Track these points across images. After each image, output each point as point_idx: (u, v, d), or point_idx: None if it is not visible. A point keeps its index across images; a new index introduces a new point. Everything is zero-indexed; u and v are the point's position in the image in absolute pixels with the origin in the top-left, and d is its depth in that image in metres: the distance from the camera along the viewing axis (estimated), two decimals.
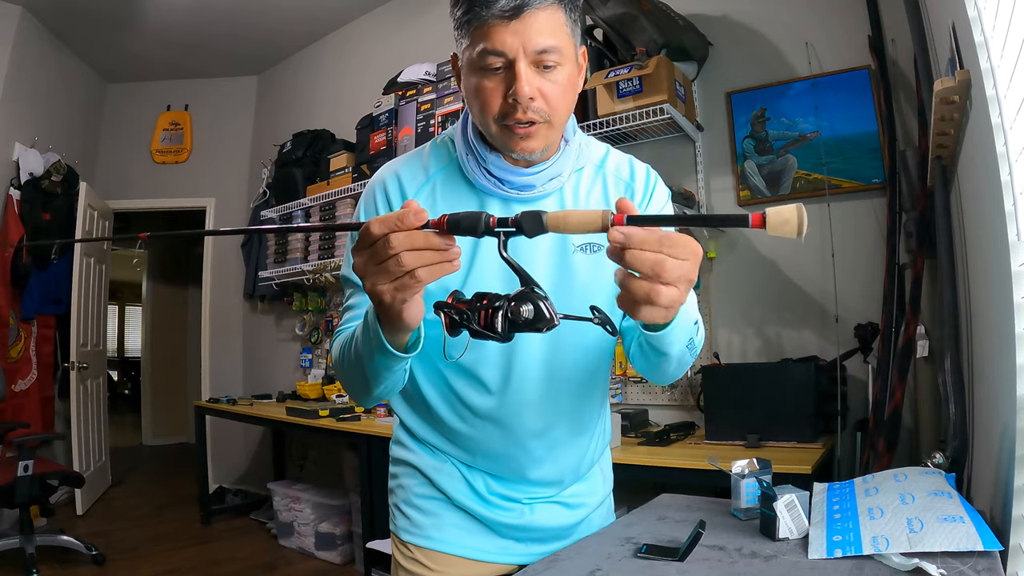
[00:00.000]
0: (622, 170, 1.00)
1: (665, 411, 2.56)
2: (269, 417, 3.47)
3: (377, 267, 0.61)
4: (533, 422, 0.95)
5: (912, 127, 2.10)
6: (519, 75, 0.79)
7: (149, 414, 6.94)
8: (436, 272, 0.61)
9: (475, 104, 0.84)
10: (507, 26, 0.77)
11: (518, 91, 0.79)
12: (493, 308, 0.61)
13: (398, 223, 0.59)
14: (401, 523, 1.02)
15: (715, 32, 2.55)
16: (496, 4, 0.76)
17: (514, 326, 0.61)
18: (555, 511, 1.02)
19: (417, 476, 1.02)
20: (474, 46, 0.80)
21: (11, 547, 2.98)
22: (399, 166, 0.96)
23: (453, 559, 0.99)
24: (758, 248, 2.44)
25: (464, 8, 0.79)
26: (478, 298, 0.63)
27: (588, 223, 0.57)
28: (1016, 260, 0.83)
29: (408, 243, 0.60)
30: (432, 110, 3.19)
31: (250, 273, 4.46)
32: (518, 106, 0.80)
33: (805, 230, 0.53)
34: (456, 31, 0.83)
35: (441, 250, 0.61)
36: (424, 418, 1.01)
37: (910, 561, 0.76)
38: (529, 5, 0.76)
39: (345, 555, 3.28)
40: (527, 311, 0.60)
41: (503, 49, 0.78)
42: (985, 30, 0.97)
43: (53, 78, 4.34)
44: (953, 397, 1.23)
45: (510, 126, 0.82)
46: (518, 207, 0.91)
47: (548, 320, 0.60)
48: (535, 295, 0.60)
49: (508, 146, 0.85)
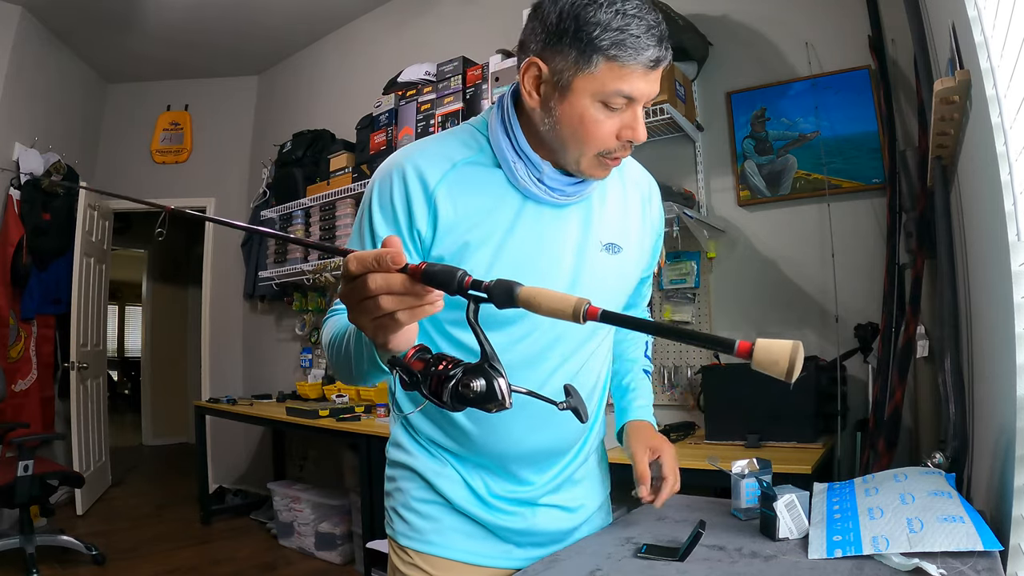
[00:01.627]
0: (635, 175, 1.05)
1: (665, 411, 2.56)
2: (269, 417, 3.47)
3: (358, 304, 0.58)
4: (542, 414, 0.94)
5: (912, 127, 2.10)
6: (639, 120, 0.84)
7: (149, 414, 6.94)
8: (417, 314, 0.58)
9: (580, 131, 0.84)
10: (645, 75, 0.80)
11: (636, 136, 0.84)
12: (445, 377, 0.56)
13: (375, 264, 0.55)
14: (399, 527, 1.01)
15: (715, 32, 2.55)
16: (646, 52, 0.78)
17: (463, 399, 0.56)
18: (555, 515, 1.02)
19: (416, 480, 1.00)
20: (606, 81, 0.79)
21: (11, 547, 2.98)
22: (417, 155, 0.91)
23: (453, 564, 0.98)
24: (758, 248, 2.44)
25: (609, 40, 0.77)
26: (436, 360, 0.59)
27: (559, 310, 0.53)
28: (1016, 260, 0.83)
29: (386, 287, 0.56)
30: (432, 110, 3.19)
31: (250, 273, 4.46)
32: (628, 145, 0.85)
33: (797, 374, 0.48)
34: (572, 45, 0.79)
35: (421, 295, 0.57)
36: (429, 415, 1.00)
37: (910, 561, 0.76)
38: (665, 60, 0.81)
39: (345, 555, 3.28)
40: (479, 387, 0.55)
41: (636, 96, 0.81)
42: (985, 30, 0.97)
43: (53, 78, 4.34)
44: (953, 397, 1.23)
45: (607, 160, 0.86)
46: (549, 209, 0.92)
47: (499, 401, 0.55)
48: (490, 371, 0.55)
49: (593, 173, 0.88)
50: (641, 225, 1.03)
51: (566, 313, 0.52)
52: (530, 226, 0.91)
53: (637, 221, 1.02)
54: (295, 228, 3.92)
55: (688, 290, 2.52)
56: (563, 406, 0.61)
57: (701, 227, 2.37)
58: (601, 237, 0.96)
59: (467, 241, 0.88)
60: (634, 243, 1.01)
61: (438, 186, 0.89)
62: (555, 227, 0.93)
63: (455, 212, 0.88)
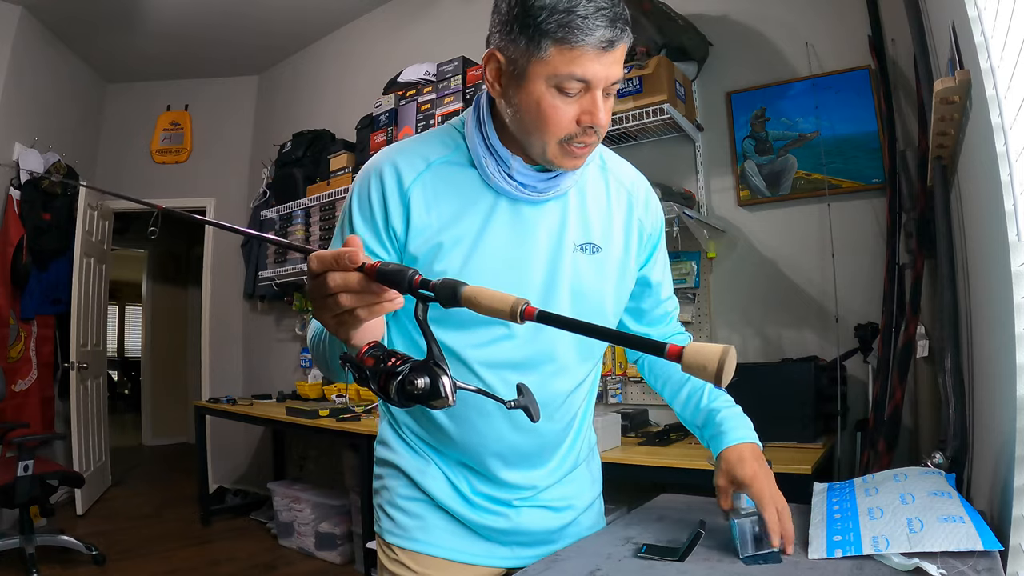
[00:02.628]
0: (624, 176, 1.02)
1: (665, 411, 2.56)
2: (269, 417, 3.47)
3: (321, 301, 0.60)
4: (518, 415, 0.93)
5: (912, 127, 2.10)
6: (598, 104, 0.80)
7: (149, 414, 6.94)
8: (376, 311, 0.60)
9: (539, 120, 0.82)
10: (598, 57, 0.77)
11: (596, 120, 0.81)
12: (392, 373, 0.58)
13: (335, 263, 0.58)
14: (386, 524, 1.01)
15: (715, 32, 2.55)
16: (595, 33, 0.76)
17: (409, 396, 0.58)
18: (541, 515, 1.01)
19: (401, 478, 1.01)
20: (557, 66, 0.78)
21: (11, 547, 2.98)
22: (396, 154, 0.92)
23: (438, 561, 0.98)
24: (758, 248, 2.44)
25: (554, 24, 0.76)
26: (387, 356, 0.60)
27: (498, 309, 0.54)
28: (1016, 260, 0.83)
29: (344, 285, 0.58)
30: (432, 110, 3.19)
31: (250, 273, 4.46)
32: (589, 131, 0.82)
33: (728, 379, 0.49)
34: (522, 35, 0.78)
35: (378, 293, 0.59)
36: (410, 410, 1.00)
37: (910, 561, 0.76)
38: (619, 40, 0.78)
39: (345, 555, 3.28)
40: (423, 384, 0.57)
41: (592, 79, 0.78)
42: (985, 30, 0.97)
43: (53, 78, 4.33)
44: (953, 397, 1.23)
45: (572, 148, 0.83)
46: (526, 207, 0.92)
47: (442, 399, 0.57)
48: (435, 369, 0.57)
49: (560, 163, 0.86)
50: (626, 226, 1.00)
51: (504, 312, 0.54)
52: (503, 226, 0.90)
53: (621, 222, 0.99)
54: (295, 228, 3.92)
55: (688, 290, 2.53)
56: (511, 404, 0.62)
57: (701, 227, 2.37)
58: (576, 237, 0.94)
59: (440, 242, 0.89)
60: (617, 244, 0.98)
61: (412, 185, 0.89)
62: (529, 226, 0.92)
63: (427, 212, 0.89)
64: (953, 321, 1.34)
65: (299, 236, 3.87)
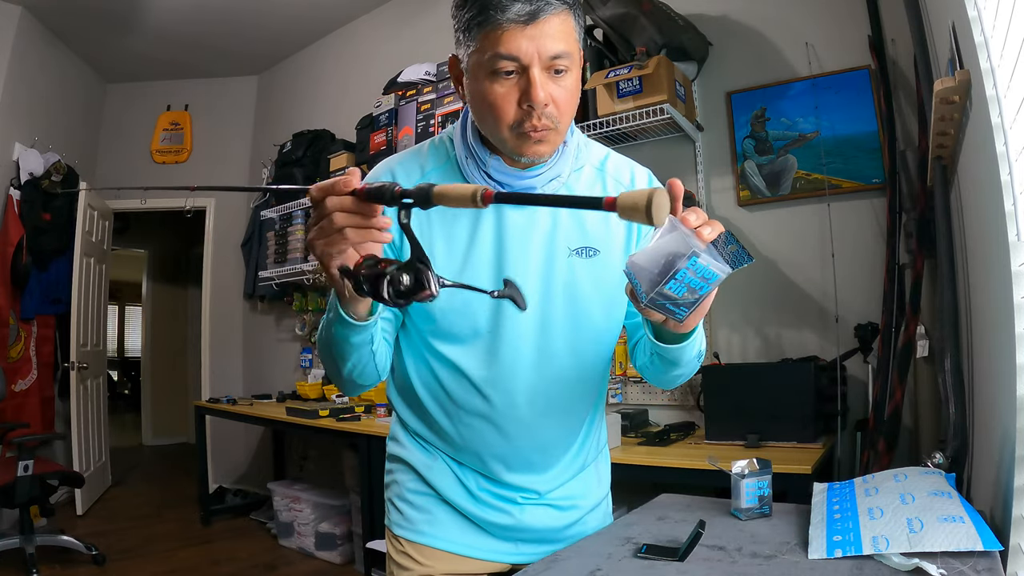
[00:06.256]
0: (622, 174, 1.00)
1: (665, 411, 2.56)
2: (269, 417, 3.47)
3: (317, 226, 0.67)
4: (519, 421, 0.95)
5: (912, 127, 2.10)
6: (534, 82, 0.78)
7: (149, 414, 6.94)
8: (364, 235, 0.67)
9: (485, 110, 0.82)
10: (522, 31, 0.76)
11: (534, 98, 0.78)
12: (380, 274, 0.64)
13: (332, 188, 0.65)
14: (395, 517, 1.03)
15: (715, 32, 2.55)
16: (511, 8, 0.75)
17: (399, 294, 0.64)
18: (546, 513, 1.02)
19: (410, 472, 1.03)
20: (485, 50, 0.78)
21: (11, 547, 2.98)
22: (396, 164, 0.95)
23: (443, 555, 1.00)
24: (758, 248, 2.43)
25: (474, 11, 0.77)
26: (377, 262, 0.67)
27: (462, 196, 0.60)
28: (1016, 260, 0.83)
29: (339, 204, 0.65)
30: (432, 110, 3.19)
31: (250, 273, 4.46)
32: (533, 113, 0.80)
33: (660, 221, 0.53)
34: (461, 33, 0.81)
35: (368, 215, 0.66)
36: (415, 412, 1.02)
37: (910, 561, 0.76)
38: (544, 11, 0.76)
39: (345, 555, 3.28)
40: (407, 279, 0.63)
41: (518, 55, 0.77)
42: (985, 30, 0.97)
43: (53, 78, 4.34)
44: (953, 397, 1.23)
45: (526, 132, 0.81)
46: (514, 214, 0.91)
47: (427, 291, 0.63)
48: (419, 266, 0.63)
49: (520, 151, 0.84)
50: (627, 225, 0.96)
51: (466, 200, 0.59)
52: (495, 231, 0.91)
53: (621, 222, 0.94)
54: (295, 228, 3.92)
55: None
56: (496, 294, 0.68)
57: None
58: (571, 241, 0.92)
59: (433, 251, 0.90)
60: (617, 245, 0.95)
61: None
62: (520, 231, 0.91)
63: (419, 220, 0.89)
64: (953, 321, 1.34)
65: (299, 236, 3.87)
